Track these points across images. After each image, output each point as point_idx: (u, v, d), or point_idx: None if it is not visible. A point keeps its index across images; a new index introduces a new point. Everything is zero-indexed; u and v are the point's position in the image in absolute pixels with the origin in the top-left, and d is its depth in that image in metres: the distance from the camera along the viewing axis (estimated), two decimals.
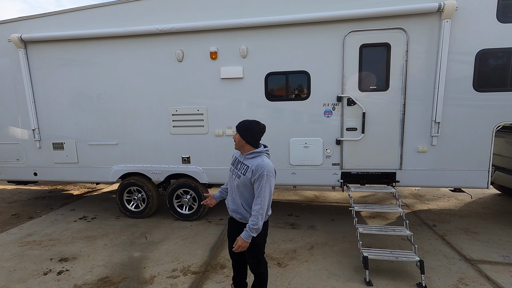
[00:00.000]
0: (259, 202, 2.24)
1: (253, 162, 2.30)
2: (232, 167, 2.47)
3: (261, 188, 2.23)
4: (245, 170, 2.32)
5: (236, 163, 2.45)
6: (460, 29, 3.69)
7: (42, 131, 4.92)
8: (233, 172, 2.43)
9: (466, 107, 3.84)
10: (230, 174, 2.49)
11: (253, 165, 2.28)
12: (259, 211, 2.23)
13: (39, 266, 3.61)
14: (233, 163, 2.49)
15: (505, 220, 4.66)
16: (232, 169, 2.46)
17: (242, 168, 2.35)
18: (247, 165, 2.32)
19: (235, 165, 2.45)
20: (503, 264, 3.42)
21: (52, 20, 4.60)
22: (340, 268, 3.41)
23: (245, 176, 2.31)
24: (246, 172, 2.31)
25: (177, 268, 3.48)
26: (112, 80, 4.59)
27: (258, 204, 2.24)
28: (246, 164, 2.34)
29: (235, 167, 2.43)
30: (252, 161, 2.32)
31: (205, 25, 4.15)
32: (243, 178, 2.32)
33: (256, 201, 2.25)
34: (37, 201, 6.29)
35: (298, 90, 4.22)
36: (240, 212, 2.43)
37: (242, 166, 2.36)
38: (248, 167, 2.30)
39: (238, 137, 2.39)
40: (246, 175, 2.30)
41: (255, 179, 2.25)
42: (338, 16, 3.86)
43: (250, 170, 2.28)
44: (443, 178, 4.04)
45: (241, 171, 2.35)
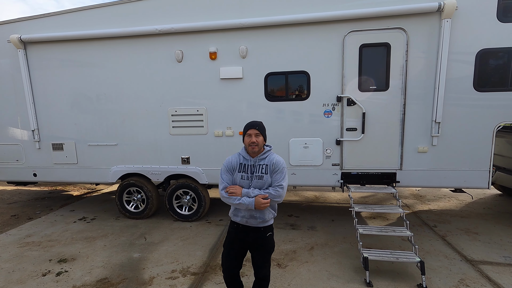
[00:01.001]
0: (285, 182, 2.28)
1: (269, 159, 2.31)
2: (243, 174, 2.31)
3: (285, 176, 2.29)
4: (265, 169, 2.29)
5: (247, 169, 2.32)
6: (460, 28, 3.68)
7: (41, 131, 4.91)
8: (249, 178, 2.30)
9: (466, 107, 3.82)
10: (242, 182, 2.31)
11: (270, 161, 2.30)
12: (284, 187, 2.26)
13: (38, 267, 3.60)
14: (242, 169, 2.33)
15: (506, 221, 4.63)
16: (245, 176, 2.31)
17: (260, 169, 2.30)
18: (265, 163, 2.30)
19: (246, 171, 2.32)
20: (504, 264, 3.40)
21: (52, 21, 4.60)
22: (340, 269, 3.39)
23: (267, 174, 2.29)
24: (267, 170, 2.29)
25: (176, 269, 3.46)
26: (111, 81, 4.58)
27: (284, 182, 2.27)
28: (262, 164, 2.31)
29: (250, 172, 2.31)
30: (267, 159, 2.32)
31: (204, 25, 4.14)
32: (266, 177, 2.28)
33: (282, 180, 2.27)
34: (36, 202, 6.28)
35: (298, 90, 4.21)
36: (262, 213, 2.30)
37: (260, 168, 2.30)
38: (267, 165, 2.29)
39: (262, 139, 2.33)
40: (268, 173, 2.29)
41: (276, 172, 2.27)
42: (338, 16, 3.85)
43: (270, 166, 2.29)
44: (443, 178, 4.02)
45: (260, 172, 2.29)
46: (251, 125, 2.33)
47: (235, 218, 2.38)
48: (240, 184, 2.32)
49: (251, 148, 2.28)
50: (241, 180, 2.32)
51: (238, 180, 2.33)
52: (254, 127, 2.31)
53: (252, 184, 2.28)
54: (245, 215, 2.32)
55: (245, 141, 2.35)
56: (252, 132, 2.29)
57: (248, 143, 2.30)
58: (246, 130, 2.34)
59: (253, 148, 2.28)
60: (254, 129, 2.30)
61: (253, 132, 2.29)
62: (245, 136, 2.34)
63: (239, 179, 2.33)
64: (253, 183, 2.28)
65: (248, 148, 2.32)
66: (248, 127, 2.34)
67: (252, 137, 2.29)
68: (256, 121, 2.36)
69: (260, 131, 2.31)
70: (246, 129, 2.35)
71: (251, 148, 2.28)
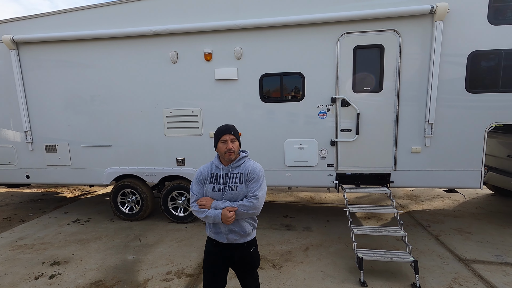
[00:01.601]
0: (261, 192, 2.02)
1: (244, 167, 2.06)
2: (215, 186, 2.05)
3: (261, 185, 2.03)
4: (239, 179, 2.04)
5: (218, 179, 2.07)
6: (452, 31, 3.73)
7: (34, 133, 4.86)
8: (222, 189, 2.04)
9: (458, 108, 3.87)
10: (214, 195, 2.06)
11: (245, 169, 2.05)
12: (260, 197, 1.99)
13: (30, 270, 3.55)
14: (213, 180, 2.07)
15: (498, 220, 4.70)
16: (216, 188, 2.05)
17: (234, 178, 2.05)
18: (239, 172, 2.05)
19: (218, 181, 2.06)
20: (496, 263, 3.45)
21: (45, 21, 4.56)
22: (335, 269, 3.41)
23: (242, 184, 2.03)
24: (242, 179, 2.04)
25: (171, 271, 3.45)
26: (105, 82, 4.55)
27: (260, 192, 2.00)
28: (236, 172, 2.06)
29: (222, 183, 2.05)
30: (242, 167, 2.07)
31: (199, 26, 4.14)
32: (240, 187, 2.02)
33: (258, 190, 2.01)
34: (29, 204, 6.20)
35: (292, 91, 4.23)
36: (241, 226, 2.06)
37: (233, 177, 2.05)
38: (242, 174, 2.04)
39: (238, 145, 2.08)
40: (243, 183, 2.03)
41: (251, 181, 2.02)
42: (332, 18, 3.88)
43: (245, 175, 2.04)
44: (436, 178, 4.06)
45: (233, 181, 2.04)
46: (225, 130, 2.04)
47: (215, 236, 2.11)
48: (212, 197, 2.07)
49: (228, 156, 2.02)
50: (212, 192, 2.06)
51: (209, 193, 2.07)
52: (228, 132, 2.04)
53: (224, 196, 2.02)
54: (224, 231, 2.06)
55: (219, 148, 2.06)
56: (228, 137, 2.02)
57: (224, 150, 2.02)
58: (219, 136, 2.04)
59: (230, 155, 2.02)
60: (229, 134, 2.03)
61: (228, 137, 2.02)
62: (219, 143, 2.05)
63: (210, 191, 2.07)
64: (226, 195, 2.02)
65: (224, 156, 2.04)
66: (222, 132, 2.05)
67: (228, 143, 2.01)
68: (229, 125, 2.09)
69: (235, 135, 2.06)
70: (219, 135, 2.05)
71: (228, 155, 2.02)
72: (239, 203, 1.99)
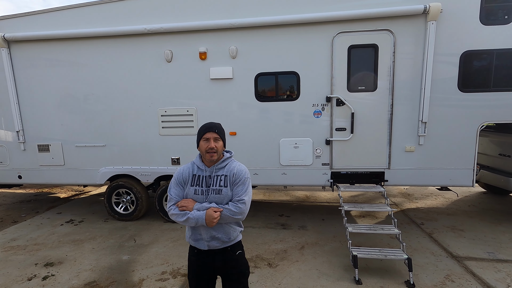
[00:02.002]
0: (248, 196, 1.88)
1: (229, 169, 1.92)
2: (197, 188, 1.90)
3: (247, 189, 1.90)
4: (224, 181, 1.90)
5: (201, 181, 1.91)
6: (445, 31, 3.78)
7: (26, 133, 4.79)
8: (204, 193, 1.89)
9: (451, 107, 3.92)
10: (196, 198, 1.90)
11: (230, 171, 1.91)
12: (246, 202, 1.85)
13: (23, 271, 3.51)
14: (195, 182, 1.91)
15: (490, 218, 4.77)
16: (199, 190, 1.89)
17: (218, 181, 1.90)
18: (223, 174, 1.91)
19: (201, 183, 1.91)
20: (488, 260, 3.50)
21: (38, 19, 4.50)
22: (330, 267, 3.43)
23: (226, 188, 1.88)
24: (226, 182, 1.89)
25: (166, 271, 3.43)
26: (99, 81, 4.51)
27: (246, 196, 1.87)
28: (220, 174, 1.91)
29: (205, 185, 1.90)
30: (227, 168, 1.93)
31: (194, 25, 4.12)
32: (225, 191, 1.88)
33: (244, 194, 1.87)
34: (22, 205, 6.12)
35: (288, 90, 4.24)
36: (225, 232, 1.91)
37: (217, 179, 1.90)
38: (226, 176, 1.90)
39: (222, 145, 1.92)
40: (228, 186, 1.89)
41: (237, 184, 1.88)
42: (327, 17, 3.90)
43: (230, 177, 1.90)
44: (430, 177, 4.11)
45: (217, 184, 1.89)
46: (208, 128, 1.89)
47: (195, 243, 1.95)
48: (194, 200, 1.91)
49: (209, 156, 1.86)
50: (194, 195, 1.90)
51: (190, 196, 1.91)
52: (212, 130, 1.88)
53: (208, 199, 1.88)
54: (205, 237, 1.90)
55: (201, 146, 1.90)
56: (210, 135, 1.86)
57: (205, 149, 1.86)
58: (202, 134, 1.89)
59: (211, 155, 1.85)
60: (213, 132, 1.87)
61: (211, 135, 1.86)
62: (201, 141, 1.89)
63: (191, 194, 1.90)
64: (210, 198, 1.87)
65: (205, 156, 1.88)
66: (205, 129, 1.89)
67: (211, 141, 1.85)
68: (214, 123, 1.94)
69: (219, 134, 1.90)
70: (202, 132, 1.90)
71: (209, 155, 1.86)
72: (225, 206, 1.84)
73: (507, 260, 3.49)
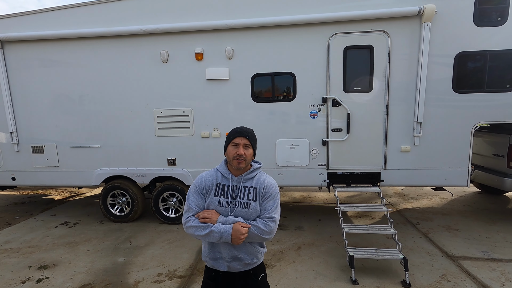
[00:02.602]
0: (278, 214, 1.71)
1: (259, 181, 1.72)
2: (221, 199, 1.68)
3: (278, 205, 1.72)
4: (252, 194, 1.69)
5: (226, 192, 1.70)
6: (439, 32, 3.81)
7: (20, 134, 4.74)
8: (230, 205, 1.68)
9: (446, 108, 3.96)
10: (220, 210, 1.69)
11: (260, 183, 1.71)
12: (277, 220, 1.68)
13: (16, 274, 3.46)
14: (220, 192, 1.70)
15: (484, 217, 4.82)
16: (223, 202, 1.68)
17: (246, 193, 1.69)
18: (252, 186, 1.71)
19: (225, 194, 1.69)
20: (482, 259, 3.53)
21: (32, 19, 4.45)
22: (327, 268, 3.43)
23: (255, 202, 1.68)
24: (255, 196, 1.69)
25: (162, 273, 3.41)
26: (94, 82, 4.48)
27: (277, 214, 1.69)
28: (249, 186, 1.71)
29: (231, 197, 1.69)
30: (256, 180, 1.73)
31: (190, 26, 4.11)
32: (253, 205, 1.67)
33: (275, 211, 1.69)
34: (15, 207, 6.04)
35: (284, 91, 4.25)
36: (248, 252, 1.70)
37: (245, 191, 1.70)
38: (256, 189, 1.70)
39: (252, 153, 1.71)
40: (257, 200, 1.69)
41: (267, 199, 1.70)
42: (323, 19, 3.91)
43: (260, 191, 1.70)
44: (425, 177, 4.14)
45: (246, 197, 1.69)
46: (238, 132, 1.69)
47: (213, 263, 1.72)
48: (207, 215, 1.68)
49: (237, 163, 1.65)
50: (217, 207, 1.69)
51: (213, 207, 1.69)
52: (243, 135, 1.67)
53: (234, 213, 1.67)
54: (226, 257, 1.69)
55: (228, 152, 1.70)
56: (240, 141, 1.66)
57: (233, 155, 1.66)
58: (231, 138, 1.69)
59: (239, 162, 1.65)
60: (244, 137, 1.67)
61: (241, 141, 1.66)
62: (230, 145, 1.69)
63: (214, 206, 1.69)
64: (236, 212, 1.67)
65: (232, 162, 1.67)
66: (235, 134, 1.69)
67: (240, 148, 1.65)
68: (245, 127, 1.73)
69: (250, 141, 1.69)
70: (231, 137, 1.70)
71: (237, 162, 1.65)
72: (253, 223, 1.64)
73: (501, 259, 3.52)
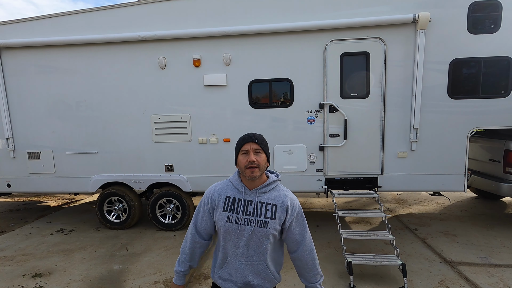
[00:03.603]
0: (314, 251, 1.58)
1: (279, 198, 1.51)
2: (231, 215, 1.48)
3: (306, 231, 1.55)
4: (271, 211, 1.47)
5: (237, 206, 1.49)
6: (434, 39, 3.87)
7: (16, 140, 4.71)
8: (241, 221, 1.46)
9: (442, 114, 3.99)
10: (230, 228, 1.48)
11: (280, 200, 1.49)
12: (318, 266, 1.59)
13: (10, 283, 3.40)
14: (230, 207, 1.49)
15: (481, 222, 4.82)
16: (233, 218, 1.47)
17: (264, 210, 1.47)
18: (270, 203, 1.48)
19: (237, 209, 1.48)
20: (481, 265, 3.53)
21: (29, 26, 4.47)
22: (325, 274, 3.41)
23: (274, 220, 1.46)
24: (274, 213, 1.47)
25: (159, 280, 3.37)
26: (92, 88, 4.48)
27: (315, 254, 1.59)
28: (265, 202, 1.49)
29: (241, 212, 1.47)
30: (274, 195, 1.51)
31: (188, 32, 4.14)
32: (272, 223, 1.46)
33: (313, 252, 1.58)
34: (10, 214, 5.96)
35: (281, 97, 4.27)
36: (265, 279, 1.53)
37: (262, 208, 1.47)
38: (276, 206, 1.48)
39: (265, 159, 1.51)
40: (276, 218, 1.47)
41: (292, 220, 1.49)
42: (320, 26, 3.96)
43: (282, 209, 1.48)
44: (422, 182, 4.15)
45: (263, 215, 1.46)
46: (246, 138, 1.51)
47: (224, 283, 1.55)
48: (226, 231, 1.48)
49: (250, 172, 1.45)
50: (226, 223, 1.48)
51: (221, 224, 1.49)
52: (251, 140, 1.49)
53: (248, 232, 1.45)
54: (237, 281, 1.50)
55: (239, 162, 1.50)
56: (250, 147, 1.48)
57: (244, 164, 1.47)
58: (240, 146, 1.51)
59: (252, 171, 1.45)
60: (253, 142, 1.48)
61: (250, 147, 1.47)
62: (240, 155, 1.50)
63: (223, 222, 1.48)
64: (252, 231, 1.45)
65: (245, 172, 1.47)
66: (243, 140, 1.51)
67: (250, 154, 1.46)
68: (253, 133, 1.55)
69: (261, 145, 1.50)
70: (240, 144, 1.52)
71: (250, 172, 1.45)
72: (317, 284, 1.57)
73: (499, 264, 3.52)
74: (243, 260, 1.49)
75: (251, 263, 1.49)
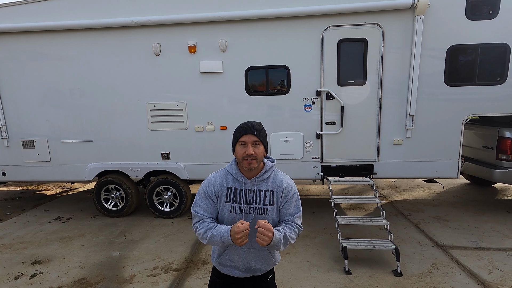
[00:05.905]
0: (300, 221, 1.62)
1: (275, 181, 1.57)
2: (234, 206, 1.54)
3: (300, 208, 1.62)
4: (269, 198, 1.54)
5: (239, 196, 1.54)
6: (432, 25, 3.83)
7: (10, 128, 4.64)
8: (244, 211, 1.54)
9: (438, 101, 4.00)
10: (234, 218, 1.55)
11: (277, 185, 1.56)
12: (299, 227, 1.60)
13: (9, 270, 3.43)
14: (232, 198, 1.54)
15: (473, 208, 4.94)
16: (236, 208, 1.54)
17: (262, 197, 1.54)
18: (268, 189, 1.55)
19: (238, 199, 1.54)
20: (471, 249, 3.63)
21: (19, 10, 4.32)
22: (321, 259, 3.49)
23: (273, 206, 1.54)
24: (272, 199, 1.54)
25: (158, 266, 3.42)
26: (85, 75, 4.39)
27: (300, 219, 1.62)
28: (264, 189, 1.55)
29: (244, 202, 1.54)
30: (271, 180, 1.57)
31: (183, 18, 4.05)
32: (271, 210, 1.54)
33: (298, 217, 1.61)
34: (6, 203, 5.95)
35: (278, 84, 4.24)
36: (266, 263, 1.63)
37: (261, 196, 1.54)
38: (272, 192, 1.54)
39: (263, 150, 1.52)
40: (274, 204, 1.55)
41: (287, 201, 1.57)
42: (317, 11, 3.89)
43: (278, 193, 1.55)
44: (417, 169, 4.21)
45: (262, 202, 1.53)
46: (245, 129, 1.49)
47: (224, 269, 1.63)
48: (230, 221, 1.54)
49: (247, 164, 1.48)
50: (230, 213, 1.54)
51: (225, 215, 1.55)
52: (250, 132, 1.47)
53: (251, 220, 1.53)
54: (239, 265, 1.58)
55: (236, 152, 1.51)
56: (248, 139, 1.47)
57: (242, 155, 1.48)
58: (238, 136, 1.50)
59: (249, 163, 1.47)
60: (251, 134, 1.47)
61: (249, 139, 1.47)
62: (237, 145, 1.51)
63: (227, 212, 1.54)
64: (254, 219, 1.53)
65: (242, 163, 1.50)
66: (241, 131, 1.50)
67: (248, 147, 1.47)
68: (252, 122, 1.53)
69: (259, 137, 1.49)
70: (238, 135, 1.51)
71: (247, 163, 1.47)
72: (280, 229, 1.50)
73: (489, 248, 3.63)
74: (245, 246, 1.54)
75: (253, 249, 1.58)
